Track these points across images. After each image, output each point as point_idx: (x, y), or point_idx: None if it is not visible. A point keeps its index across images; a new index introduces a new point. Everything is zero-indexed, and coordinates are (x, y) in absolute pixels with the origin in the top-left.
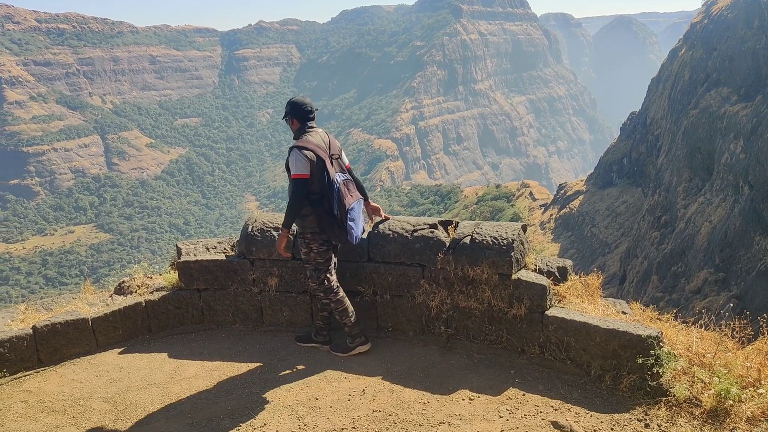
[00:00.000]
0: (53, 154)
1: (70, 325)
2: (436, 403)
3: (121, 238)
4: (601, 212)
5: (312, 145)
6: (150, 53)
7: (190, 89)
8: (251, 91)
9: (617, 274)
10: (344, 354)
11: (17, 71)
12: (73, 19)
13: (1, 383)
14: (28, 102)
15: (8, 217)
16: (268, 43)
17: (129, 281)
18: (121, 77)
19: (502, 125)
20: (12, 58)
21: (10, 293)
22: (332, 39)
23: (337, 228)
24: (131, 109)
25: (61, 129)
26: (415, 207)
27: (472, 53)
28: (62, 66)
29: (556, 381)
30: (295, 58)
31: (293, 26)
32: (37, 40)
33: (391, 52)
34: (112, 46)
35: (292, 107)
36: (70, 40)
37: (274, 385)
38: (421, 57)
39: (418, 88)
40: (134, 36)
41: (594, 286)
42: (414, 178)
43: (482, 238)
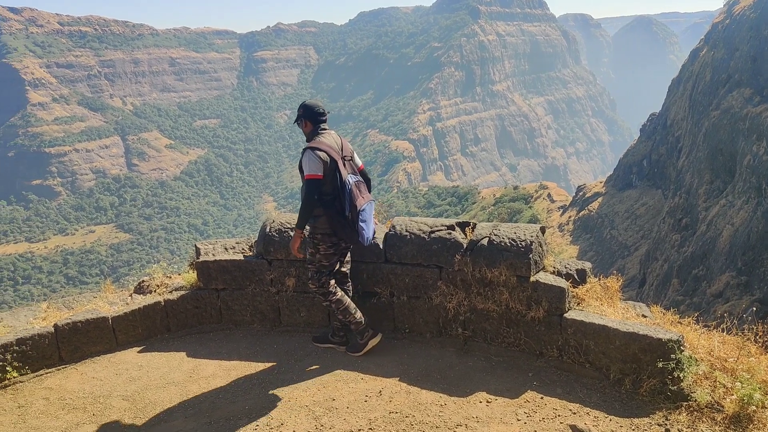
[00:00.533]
0: (75, 154)
1: (90, 323)
2: (453, 405)
3: (141, 238)
4: (620, 214)
5: (325, 146)
6: (170, 55)
7: (209, 91)
8: (269, 93)
9: (637, 277)
10: (359, 353)
11: (40, 73)
12: (95, 21)
13: (23, 380)
14: (50, 104)
15: (30, 216)
16: (286, 45)
17: (148, 281)
18: (141, 79)
19: (520, 126)
20: (35, 60)
21: (32, 292)
22: (350, 40)
23: (349, 229)
24: (151, 111)
25: (82, 130)
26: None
27: (490, 54)
28: (84, 68)
29: (575, 384)
30: (313, 59)
31: (311, 28)
32: (59, 42)
33: (409, 53)
34: (132, 48)
35: (305, 110)
36: (92, 43)
37: (291, 385)
38: (438, 58)
39: (436, 89)
40: (154, 38)
41: (613, 289)
42: (431, 180)
43: (500, 240)
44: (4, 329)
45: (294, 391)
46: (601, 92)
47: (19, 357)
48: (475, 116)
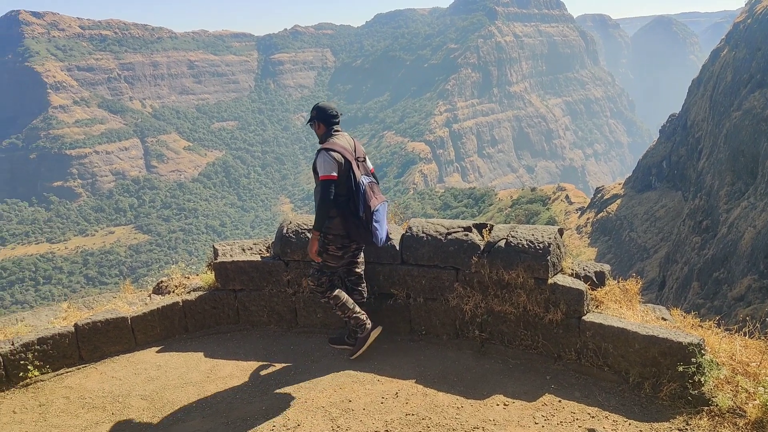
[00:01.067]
0: (95, 156)
1: (110, 323)
2: (470, 407)
3: (159, 239)
4: (639, 216)
5: (339, 147)
6: (188, 58)
7: (226, 93)
8: (286, 95)
9: (656, 279)
10: (361, 349)
11: (62, 76)
12: (115, 25)
13: (44, 379)
14: (71, 106)
15: (52, 218)
16: (304, 48)
17: (167, 281)
18: (160, 82)
19: (538, 128)
20: (57, 63)
21: (53, 292)
22: (366, 42)
23: (363, 230)
24: (170, 113)
25: (102, 132)
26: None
27: (507, 55)
28: (104, 71)
29: (594, 388)
30: (330, 61)
31: (328, 30)
32: (80, 46)
33: (425, 54)
34: (152, 51)
35: (319, 112)
36: (112, 46)
37: (308, 386)
38: (455, 59)
39: (452, 90)
40: (173, 41)
41: (632, 292)
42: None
43: (518, 242)
44: (26, 329)
45: (310, 392)
46: (620, 93)
47: (41, 356)
48: (492, 117)
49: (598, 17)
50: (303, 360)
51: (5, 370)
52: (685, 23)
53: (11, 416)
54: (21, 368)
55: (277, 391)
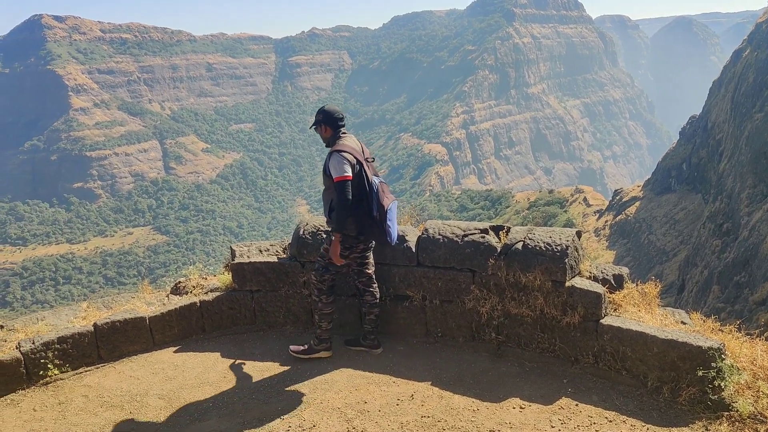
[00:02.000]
0: (114, 158)
1: (128, 323)
2: (486, 410)
3: (177, 240)
4: (658, 219)
5: (349, 148)
6: (207, 61)
7: (244, 95)
8: (303, 97)
9: (675, 283)
10: (306, 356)
11: (82, 79)
12: (135, 29)
13: (64, 378)
14: (92, 109)
15: (72, 218)
16: (321, 50)
17: (184, 282)
18: (179, 84)
19: (556, 129)
20: (78, 66)
21: (72, 291)
22: (383, 44)
23: (377, 229)
24: (188, 115)
25: (122, 134)
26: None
27: (524, 57)
28: (124, 74)
29: (611, 392)
30: (347, 64)
31: (345, 33)
32: (101, 49)
33: (442, 56)
34: (171, 54)
35: (326, 115)
36: (132, 49)
37: (324, 387)
38: (472, 61)
39: (470, 92)
40: (192, 44)
41: (651, 295)
42: (464, 183)
43: (535, 244)
44: (46, 328)
45: (326, 393)
46: (639, 94)
47: (60, 355)
48: (510, 119)
49: (617, 18)
50: (319, 361)
51: (26, 369)
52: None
53: (32, 414)
54: (41, 367)
55: (292, 391)
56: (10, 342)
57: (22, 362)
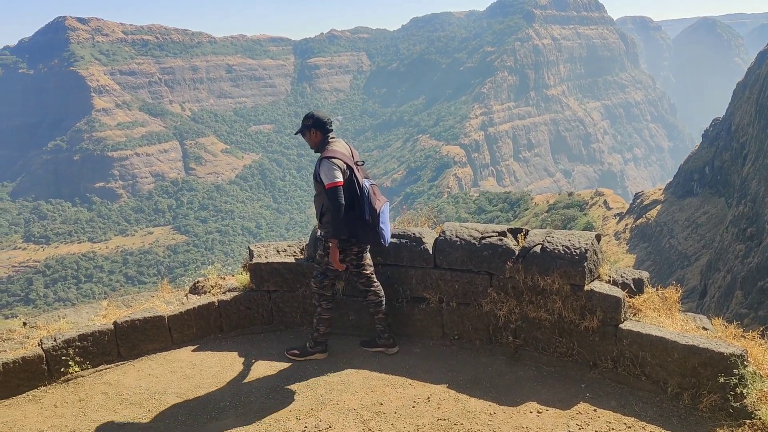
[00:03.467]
0: (136, 158)
1: (147, 322)
2: (503, 414)
3: (197, 240)
4: (680, 223)
5: (339, 153)
6: (227, 62)
7: (263, 97)
8: (322, 99)
9: (697, 288)
10: (302, 358)
11: (105, 80)
12: (156, 30)
13: (84, 375)
14: (113, 109)
15: (93, 218)
16: (339, 51)
17: (203, 281)
18: (199, 85)
19: (576, 131)
20: (100, 68)
21: (93, 290)
22: (402, 46)
23: (370, 232)
24: (208, 116)
25: (143, 135)
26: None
27: (544, 58)
28: (145, 75)
29: (630, 397)
30: (365, 65)
31: (364, 34)
32: (123, 51)
33: (461, 58)
34: (191, 55)
35: (315, 120)
36: (153, 51)
37: (340, 388)
38: (491, 62)
39: (488, 93)
40: (212, 46)
41: (672, 300)
42: (482, 185)
43: (554, 247)
44: (68, 325)
45: (342, 394)
46: (661, 96)
47: (81, 352)
48: (529, 121)
49: (639, 19)
50: (335, 362)
51: (47, 365)
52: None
53: (53, 410)
54: (62, 364)
55: (309, 392)
56: (33, 339)
57: (44, 359)
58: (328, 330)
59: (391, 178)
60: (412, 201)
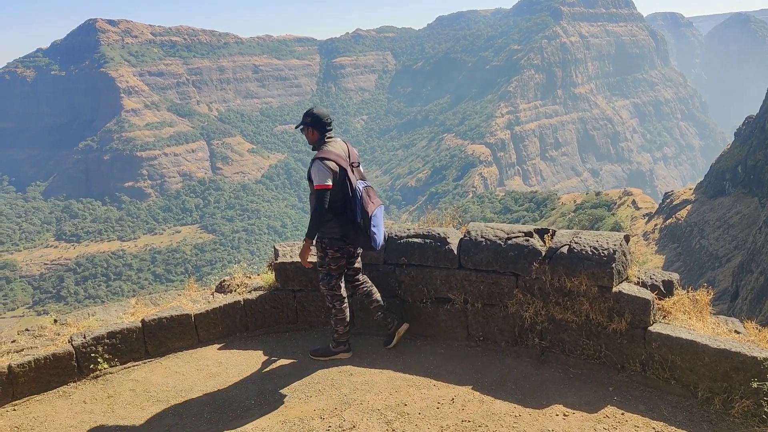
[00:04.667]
0: (164, 158)
1: (174, 320)
2: (528, 416)
3: (223, 239)
4: (711, 223)
5: (333, 155)
6: (253, 63)
7: (289, 97)
8: (347, 98)
9: (729, 290)
10: (325, 357)
11: (134, 81)
12: (184, 32)
13: (113, 372)
14: (142, 110)
15: (123, 217)
16: (365, 51)
17: (229, 280)
18: (226, 86)
19: (604, 130)
20: (130, 69)
21: (122, 287)
22: (427, 45)
23: (362, 235)
24: (235, 117)
25: (171, 135)
26: (509, 214)
27: (572, 56)
28: (173, 76)
29: (659, 401)
30: (391, 64)
31: (389, 33)
32: (152, 52)
33: (487, 56)
34: (218, 56)
35: (313, 118)
36: (181, 52)
37: (364, 388)
38: (518, 61)
39: (515, 92)
40: (239, 46)
41: (703, 302)
42: (508, 185)
43: (581, 248)
44: (97, 323)
45: (366, 394)
46: (692, 94)
47: (110, 349)
48: (556, 120)
49: (670, 15)
50: (359, 361)
51: (77, 362)
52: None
53: (82, 406)
54: (92, 360)
55: (333, 391)
56: (63, 336)
57: (74, 356)
58: (348, 329)
59: (415, 178)
60: (437, 200)
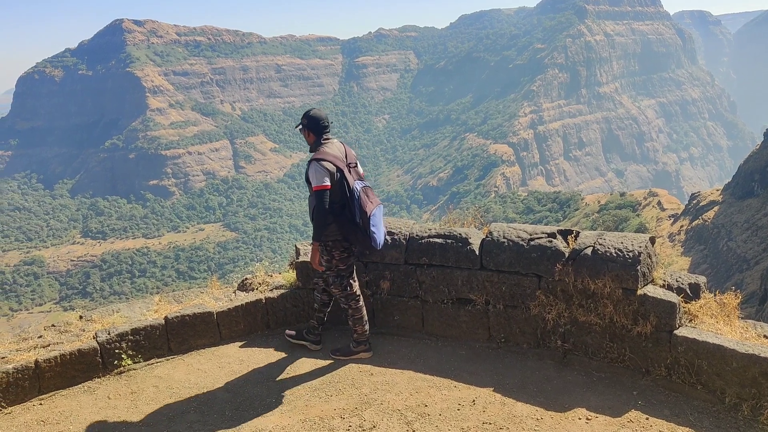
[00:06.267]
0: (188, 157)
1: (197, 317)
2: (550, 420)
3: (246, 237)
4: (739, 225)
5: (330, 156)
6: (276, 62)
7: (311, 96)
8: (369, 98)
9: (757, 293)
10: (345, 357)
11: (159, 81)
12: (208, 32)
13: (136, 368)
14: (167, 109)
15: (147, 214)
16: (387, 50)
17: (251, 278)
18: (249, 85)
19: (629, 130)
20: (155, 68)
21: (147, 284)
22: (450, 44)
23: (361, 235)
24: (257, 116)
25: (195, 134)
26: (532, 214)
27: (596, 55)
28: (198, 75)
29: (685, 406)
30: (413, 64)
31: (412, 33)
32: (176, 51)
33: (510, 55)
34: (242, 56)
35: (310, 121)
36: (205, 52)
37: (384, 388)
38: (541, 60)
39: (538, 91)
40: (262, 46)
41: (731, 306)
42: (531, 185)
43: (605, 250)
44: (121, 319)
45: (386, 395)
46: (720, 94)
47: (133, 346)
48: (580, 119)
49: (697, 14)
50: (379, 361)
51: (102, 358)
52: None
53: (106, 401)
54: (116, 356)
55: (353, 390)
56: (88, 332)
57: (99, 352)
58: (366, 327)
59: (437, 177)
60: (458, 200)
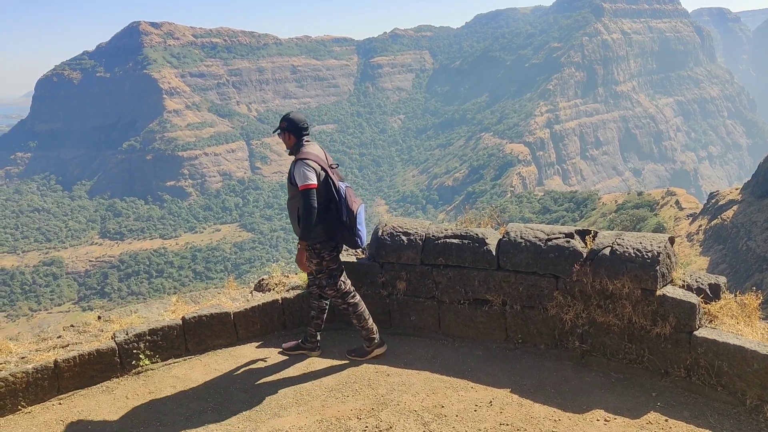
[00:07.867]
0: (204, 158)
1: (214, 318)
2: (568, 421)
3: (262, 238)
4: (759, 224)
5: (314, 156)
6: (292, 63)
7: (327, 97)
8: (384, 98)
9: None
10: (362, 358)
11: (176, 82)
12: (225, 33)
13: (154, 368)
14: (184, 111)
15: (165, 215)
16: (402, 50)
17: (267, 279)
18: (265, 87)
19: (646, 129)
20: (172, 70)
21: (164, 284)
22: (465, 43)
23: (348, 233)
24: (274, 117)
25: (211, 135)
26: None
27: (613, 53)
28: (214, 77)
29: (705, 408)
30: (428, 63)
31: (427, 32)
32: (193, 53)
33: (526, 54)
34: (258, 57)
35: (290, 123)
36: (222, 53)
37: (401, 389)
38: (558, 59)
39: (554, 90)
40: (278, 47)
41: (752, 307)
42: (547, 184)
43: (624, 250)
44: (139, 320)
45: (403, 395)
46: (739, 92)
47: (151, 346)
48: (597, 118)
49: (716, 11)
50: (396, 362)
51: (120, 358)
52: None
53: (124, 401)
54: (133, 357)
55: (369, 391)
56: (107, 332)
57: (117, 352)
58: (371, 321)
59: (453, 177)
60: (474, 200)
